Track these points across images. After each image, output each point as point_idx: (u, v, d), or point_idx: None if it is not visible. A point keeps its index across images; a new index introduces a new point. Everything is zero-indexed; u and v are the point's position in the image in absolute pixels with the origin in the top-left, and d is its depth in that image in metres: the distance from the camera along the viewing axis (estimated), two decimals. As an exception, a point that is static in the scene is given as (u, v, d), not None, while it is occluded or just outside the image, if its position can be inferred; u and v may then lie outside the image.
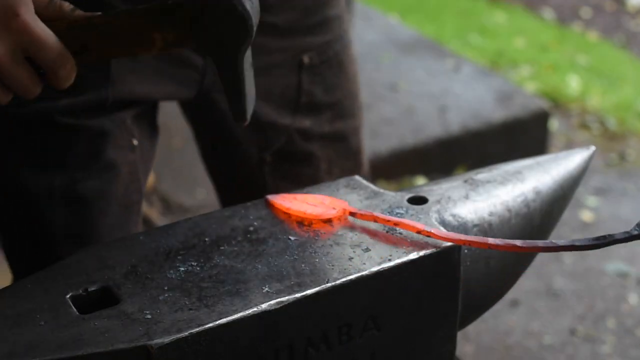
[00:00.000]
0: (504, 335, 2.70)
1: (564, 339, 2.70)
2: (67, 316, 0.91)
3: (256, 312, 0.92)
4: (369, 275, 0.98)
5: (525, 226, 1.19)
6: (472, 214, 1.14)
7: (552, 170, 1.25)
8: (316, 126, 1.49)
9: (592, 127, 4.13)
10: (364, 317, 1.00)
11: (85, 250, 1.03)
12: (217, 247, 1.03)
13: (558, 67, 4.80)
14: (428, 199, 1.13)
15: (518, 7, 6.14)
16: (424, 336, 1.06)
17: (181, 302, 0.93)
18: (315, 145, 1.49)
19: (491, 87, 3.93)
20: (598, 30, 5.86)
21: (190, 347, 0.89)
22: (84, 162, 1.33)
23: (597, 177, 3.64)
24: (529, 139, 3.74)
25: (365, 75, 4.09)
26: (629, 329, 2.75)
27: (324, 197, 1.11)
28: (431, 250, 1.02)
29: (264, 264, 1.00)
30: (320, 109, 1.49)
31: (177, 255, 1.01)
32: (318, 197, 1.11)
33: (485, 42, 5.14)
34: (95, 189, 1.34)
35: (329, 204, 1.09)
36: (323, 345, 0.97)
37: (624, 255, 3.13)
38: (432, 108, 3.75)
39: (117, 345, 0.87)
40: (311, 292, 0.95)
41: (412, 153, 3.48)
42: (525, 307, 2.83)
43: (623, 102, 4.39)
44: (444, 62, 4.22)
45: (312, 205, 1.09)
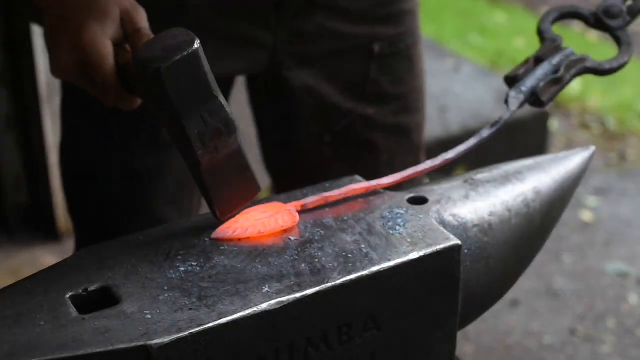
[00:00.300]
0: (504, 335, 2.70)
1: (564, 339, 2.70)
2: (67, 316, 0.91)
3: (256, 312, 0.92)
4: (369, 275, 0.98)
5: (526, 226, 1.19)
6: (472, 214, 1.14)
7: (552, 170, 1.25)
8: (380, 116, 1.50)
9: (592, 127, 4.13)
10: (364, 317, 1.00)
11: (85, 250, 1.03)
12: (217, 247, 1.03)
13: (558, 67, 4.79)
14: (428, 199, 1.13)
15: (518, 7, 6.14)
16: (424, 336, 1.06)
17: (181, 302, 0.93)
18: (378, 134, 1.51)
19: (491, 87, 3.93)
20: (598, 30, 5.86)
21: (190, 347, 0.89)
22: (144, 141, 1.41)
23: (597, 177, 3.64)
24: (529, 139, 3.74)
25: (365, 75, 4.09)
26: (629, 329, 2.75)
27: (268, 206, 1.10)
28: (431, 250, 1.02)
29: (264, 264, 1.00)
30: (385, 99, 1.50)
31: (177, 255, 1.01)
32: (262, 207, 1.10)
33: (485, 42, 5.14)
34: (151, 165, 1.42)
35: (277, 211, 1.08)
36: (323, 345, 0.97)
37: (624, 255, 3.13)
38: (432, 108, 3.73)
39: (117, 345, 0.87)
40: (311, 292, 0.95)
41: (412, 153, 3.47)
42: (525, 307, 2.82)
43: (623, 102, 4.38)
44: (444, 62, 4.22)
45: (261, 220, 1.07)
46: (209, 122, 1.00)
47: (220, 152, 1.03)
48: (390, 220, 1.08)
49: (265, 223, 1.06)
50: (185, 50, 0.97)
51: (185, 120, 0.99)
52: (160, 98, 0.98)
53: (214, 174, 1.04)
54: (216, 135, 1.01)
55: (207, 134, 1.00)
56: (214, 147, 1.01)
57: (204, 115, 1.00)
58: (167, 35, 1.00)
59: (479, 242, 1.13)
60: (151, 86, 0.99)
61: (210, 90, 1.01)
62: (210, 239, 1.04)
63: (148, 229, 1.07)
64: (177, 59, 0.97)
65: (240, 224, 1.06)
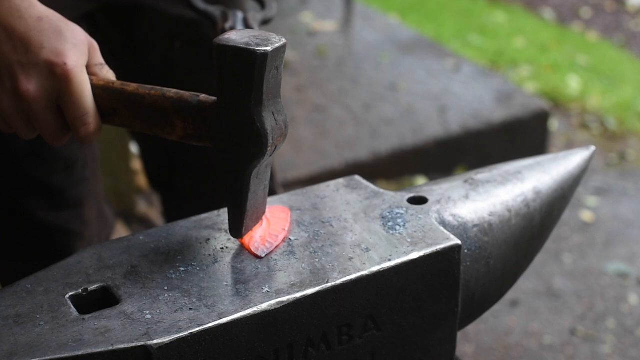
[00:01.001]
0: (503, 335, 2.70)
1: (564, 339, 2.70)
2: (67, 316, 0.91)
3: (256, 312, 0.92)
4: (369, 275, 0.98)
5: (526, 226, 1.19)
6: (472, 214, 1.14)
7: (552, 170, 1.25)
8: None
9: (592, 127, 4.13)
10: (364, 317, 1.00)
11: (85, 250, 1.03)
12: (217, 247, 1.03)
13: (558, 67, 4.80)
14: (428, 199, 1.13)
15: (518, 7, 6.14)
16: (424, 336, 1.06)
17: (181, 302, 0.93)
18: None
19: (491, 87, 3.93)
20: (598, 30, 5.87)
21: (190, 347, 0.89)
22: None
23: (597, 177, 3.64)
24: (529, 139, 3.74)
25: (365, 75, 4.09)
26: (629, 329, 2.75)
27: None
28: (431, 250, 1.02)
29: (264, 264, 1.00)
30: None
31: (177, 255, 1.01)
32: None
33: (485, 42, 5.14)
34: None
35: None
36: (323, 345, 0.97)
37: (624, 255, 3.13)
38: (432, 108, 3.75)
39: (117, 345, 0.87)
40: (311, 292, 0.95)
41: (412, 153, 3.48)
42: (525, 307, 2.82)
43: (623, 102, 4.38)
44: (444, 62, 4.22)
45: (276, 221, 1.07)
46: (278, 120, 1.00)
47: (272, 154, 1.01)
48: (390, 220, 1.08)
49: (280, 223, 1.06)
50: (279, 41, 0.98)
51: (265, 112, 0.98)
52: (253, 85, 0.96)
53: (255, 182, 1.01)
54: (280, 134, 1.01)
55: (276, 132, 1.00)
56: (274, 148, 1.00)
57: (275, 113, 1.00)
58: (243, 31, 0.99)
59: (479, 242, 1.13)
60: (248, 71, 0.96)
61: (280, 89, 1.01)
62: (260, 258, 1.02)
63: (148, 229, 1.07)
64: (278, 46, 0.97)
65: (266, 231, 1.05)
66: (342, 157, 3.36)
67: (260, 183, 1.03)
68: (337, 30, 4.62)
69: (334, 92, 3.90)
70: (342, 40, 4.55)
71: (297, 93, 3.90)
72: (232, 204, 1.01)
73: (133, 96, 1.03)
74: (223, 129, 0.99)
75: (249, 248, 1.01)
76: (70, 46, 1.02)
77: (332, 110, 3.73)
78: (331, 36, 4.53)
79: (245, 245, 1.02)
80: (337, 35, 4.58)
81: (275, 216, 1.07)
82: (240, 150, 0.98)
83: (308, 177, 3.20)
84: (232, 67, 0.96)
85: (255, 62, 0.95)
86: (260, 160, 0.98)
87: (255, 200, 1.02)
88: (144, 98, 1.03)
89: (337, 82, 4.00)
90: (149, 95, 1.03)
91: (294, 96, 3.86)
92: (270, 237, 1.03)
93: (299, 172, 3.25)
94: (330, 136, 3.52)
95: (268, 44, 0.96)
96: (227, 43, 0.96)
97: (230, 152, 0.99)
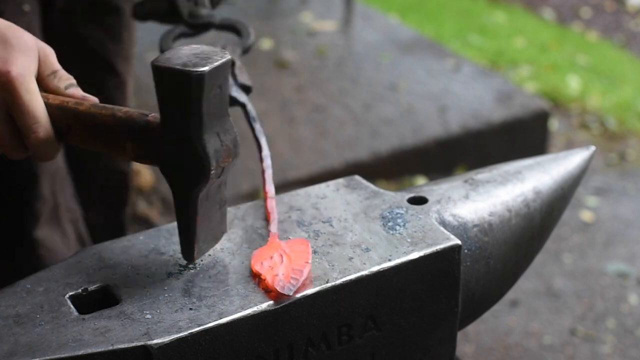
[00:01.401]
0: (503, 335, 2.70)
1: (564, 339, 2.70)
2: (67, 316, 0.91)
3: (256, 312, 0.92)
4: (369, 275, 0.98)
5: (526, 226, 1.19)
6: (472, 214, 1.14)
7: (552, 170, 1.25)
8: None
9: (592, 127, 4.12)
10: (364, 317, 0.99)
11: (85, 250, 1.03)
12: (217, 247, 1.03)
13: (558, 67, 4.79)
14: (428, 199, 1.13)
15: (518, 7, 6.14)
16: (424, 336, 1.06)
17: (181, 302, 0.93)
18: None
19: (491, 87, 3.93)
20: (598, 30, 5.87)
21: (190, 347, 0.89)
22: None
23: (597, 177, 3.64)
24: (529, 139, 3.74)
25: (365, 75, 4.09)
26: (629, 329, 2.75)
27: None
28: (431, 250, 1.02)
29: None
30: None
31: (177, 255, 1.01)
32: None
33: (485, 42, 5.14)
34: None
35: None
36: (323, 345, 0.97)
37: (624, 255, 3.13)
38: (432, 108, 3.75)
39: (117, 345, 0.87)
40: (311, 292, 0.95)
41: (412, 153, 3.48)
42: (525, 307, 2.82)
43: (623, 102, 4.38)
44: (444, 62, 4.22)
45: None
46: (224, 140, 0.96)
47: (221, 175, 0.98)
48: (390, 220, 1.08)
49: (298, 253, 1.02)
50: (220, 58, 0.93)
51: (207, 135, 0.94)
52: (190, 108, 0.92)
53: (204, 204, 0.98)
54: (227, 155, 0.97)
55: (220, 153, 0.96)
56: (221, 170, 0.97)
57: (220, 134, 0.96)
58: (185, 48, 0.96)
59: (479, 242, 1.13)
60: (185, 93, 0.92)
61: (227, 108, 0.97)
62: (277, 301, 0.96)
63: (148, 229, 1.07)
64: (218, 65, 0.92)
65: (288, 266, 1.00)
66: (342, 157, 3.36)
67: (213, 204, 0.99)
68: (337, 30, 4.62)
69: (334, 92, 3.90)
70: (342, 40, 4.55)
71: (297, 93, 3.89)
72: (181, 227, 0.98)
73: (85, 115, 1.00)
74: (167, 152, 0.95)
75: (274, 289, 0.95)
76: (17, 54, 0.99)
77: (332, 110, 3.73)
78: (331, 36, 4.52)
79: (270, 286, 0.96)
80: (337, 35, 4.57)
81: (295, 250, 1.02)
82: (184, 173, 0.95)
83: (308, 177, 3.20)
84: (169, 89, 0.93)
85: (191, 84, 0.91)
86: (204, 183, 0.95)
87: (207, 222, 0.99)
88: (95, 118, 1.00)
89: (337, 82, 4.00)
90: (100, 115, 0.99)
91: (294, 96, 3.86)
92: (295, 273, 0.98)
93: (299, 172, 3.25)
94: (330, 136, 3.52)
95: (207, 63, 0.92)
96: (163, 64, 0.92)
97: (175, 175, 0.96)
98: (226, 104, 0.97)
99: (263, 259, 1.00)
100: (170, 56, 0.94)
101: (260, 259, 1.00)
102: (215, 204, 1.00)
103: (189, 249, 0.98)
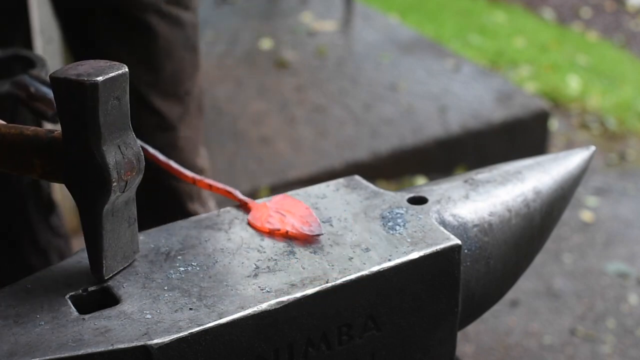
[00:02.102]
0: (503, 335, 2.70)
1: (564, 339, 2.70)
2: (67, 316, 0.91)
3: (256, 312, 0.92)
4: (369, 275, 0.98)
5: (526, 226, 1.19)
6: (472, 214, 1.14)
7: (552, 170, 1.25)
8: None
9: (592, 127, 4.13)
10: (364, 317, 1.00)
11: (85, 250, 1.03)
12: (217, 247, 1.03)
13: (558, 67, 4.80)
14: (428, 199, 1.13)
15: (518, 7, 6.14)
16: (424, 336, 1.06)
17: (181, 302, 0.93)
18: (151, 16, 1.60)
19: (491, 87, 3.93)
20: (598, 30, 5.87)
21: (190, 347, 0.89)
22: None
23: (597, 177, 3.64)
24: (529, 139, 3.74)
25: (365, 75, 4.09)
26: (629, 329, 2.75)
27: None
28: (431, 250, 1.02)
29: (264, 264, 1.00)
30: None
31: (177, 255, 1.01)
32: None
33: (485, 42, 5.14)
34: None
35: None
36: (323, 345, 0.97)
37: (624, 255, 3.13)
38: (432, 108, 3.75)
39: (117, 345, 0.87)
40: (311, 292, 0.95)
41: (412, 153, 3.48)
42: (525, 307, 2.83)
43: (623, 102, 4.39)
44: (444, 62, 4.22)
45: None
46: (125, 153, 0.96)
47: (126, 190, 0.97)
48: (390, 220, 1.08)
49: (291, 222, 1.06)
50: (117, 70, 0.94)
51: (106, 146, 0.94)
52: (86, 118, 0.92)
53: (110, 219, 0.97)
54: (130, 168, 0.96)
55: (122, 166, 0.95)
56: (124, 183, 0.96)
57: (121, 146, 0.96)
58: (85, 62, 0.96)
59: (479, 242, 1.13)
60: (80, 103, 0.92)
61: (128, 121, 0.97)
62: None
63: (148, 229, 1.07)
64: (113, 76, 0.93)
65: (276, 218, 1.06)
66: (342, 157, 3.36)
67: (121, 221, 0.99)
68: (337, 30, 4.63)
69: (334, 92, 3.91)
70: (342, 40, 4.55)
71: (297, 93, 3.90)
72: (88, 244, 0.98)
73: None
74: (69, 166, 0.95)
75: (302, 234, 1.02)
76: None
77: (332, 110, 3.73)
78: (331, 36, 4.53)
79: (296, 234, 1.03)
80: (337, 35, 4.58)
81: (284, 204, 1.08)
82: (85, 187, 0.95)
83: (308, 177, 3.20)
84: (66, 100, 0.93)
85: (86, 93, 0.91)
86: (106, 197, 0.94)
87: (116, 239, 0.98)
88: (3, 137, 0.99)
89: (337, 82, 4.00)
90: (8, 134, 0.99)
91: (294, 96, 3.86)
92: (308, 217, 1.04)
93: (299, 172, 3.25)
94: (330, 136, 3.52)
95: (101, 74, 0.92)
96: (60, 75, 0.93)
97: (78, 189, 0.96)
98: (126, 117, 0.97)
99: (264, 220, 1.05)
100: (69, 68, 0.94)
101: (262, 221, 1.06)
102: (123, 221, 0.99)
103: (96, 266, 0.98)
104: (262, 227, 1.05)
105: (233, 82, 3.95)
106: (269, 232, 1.04)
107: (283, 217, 1.06)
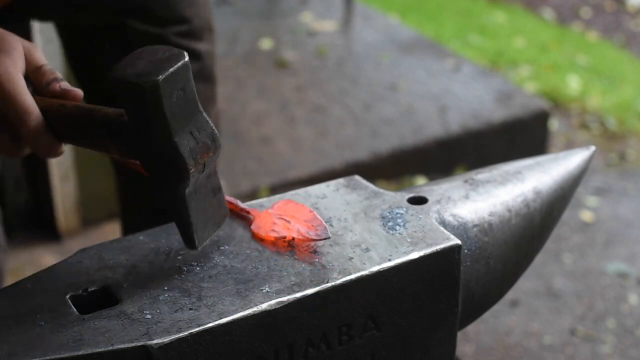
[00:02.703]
0: (503, 335, 2.70)
1: (564, 339, 2.70)
2: (67, 316, 0.91)
3: (256, 312, 0.92)
4: (369, 275, 0.98)
5: (526, 226, 1.19)
6: (472, 214, 1.14)
7: (552, 170, 1.25)
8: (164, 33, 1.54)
9: (592, 127, 4.13)
10: (364, 317, 0.99)
11: (85, 250, 1.03)
12: (217, 247, 1.03)
13: (558, 67, 4.80)
14: (428, 199, 1.13)
15: (518, 7, 6.14)
16: (424, 336, 1.06)
17: (181, 302, 0.93)
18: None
19: (491, 87, 3.93)
20: (598, 30, 5.87)
21: (190, 347, 0.89)
22: None
23: (597, 177, 3.64)
24: (529, 139, 3.74)
25: (365, 75, 4.09)
26: (629, 329, 2.75)
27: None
28: (431, 250, 1.02)
29: (264, 264, 1.00)
30: (169, 21, 1.53)
31: (177, 255, 1.01)
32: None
33: (485, 42, 5.14)
34: None
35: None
36: (323, 345, 0.97)
37: (624, 255, 3.13)
38: (432, 108, 3.75)
39: (117, 345, 0.87)
40: (311, 292, 0.95)
41: (412, 153, 3.48)
42: (525, 307, 2.83)
43: (623, 102, 4.39)
44: (444, 62, 4.22)
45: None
46: (199, 138, 0.96)
47: (205, 169, 0.98)
48: (390, 220, 1.08)
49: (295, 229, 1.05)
50: (177, 62, 0.93)
51: (178, 137, 0.94)
52: (153, 115, 0.93)
53: (195, 197, 0.99)
54: (205, 151, 0.97)
55: (198, 151, 0.96)
56: (202, 165, 0.97)
57: (194, 132, 0.96)
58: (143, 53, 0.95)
59: (479, 242, 1.13)
60: (143, 103, 0.92)
61: (197, 105, 0.97)
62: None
63: (148, 229, 1.07)
64: (173, 71, 0.92)
65: (280, 225, 1.05)
66: (342, 157, 3.36)
67: (206, 194, 1.00)
68: (337, 30, 4.63)
69: (334, 92, 3.91)
70: (342, 40, 4.55)
71: (297, 93, 3.90)
72: (177, 222, 1.00)
73: (68, 117, 1.01)
74: (143, 153, 0.96)
75: (310, 239, 1.02)
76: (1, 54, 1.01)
77: (332, 110, 3.73)
78: (331, 36, 4.53)
79: (303, 239, 1.02)
80: (337, 35, 4.58)
81: (287, 209, 1.07)
82: (164, 174, 0.96)
83: (308, 177, 3.20)
84: (129, 99, 0.94)
85: (146, 95, 0.91)
86: (185, 182, 0.95)
87: (204, 212, 1.00)
88: (77, 119, 1.01)
89: (337, 82, 4.00)
90: (81, 117, 1.00)
91: (294, 96, 3.86)
92: (313, 222, 1.03)
93: (299, 172, 3.25)
94: (330, 136, 3.52)
95: (161, 70, 0.91)
96: (119, 76, 0.93)
97: (157, 175, 0.97)
98: (195, 102, 0.96)
99: (268, 228, 1.04)
100: (126, 64, 0.94)
101: (266, 230, 1.04)
102: (208, 193, 1.01)
103: (189, 241, 1.00)
104: (267, 236, 1.04)
105: (233, 82, 3.95)
106: (274, 241, 1.03)
107: (287, 224, 1.05)
